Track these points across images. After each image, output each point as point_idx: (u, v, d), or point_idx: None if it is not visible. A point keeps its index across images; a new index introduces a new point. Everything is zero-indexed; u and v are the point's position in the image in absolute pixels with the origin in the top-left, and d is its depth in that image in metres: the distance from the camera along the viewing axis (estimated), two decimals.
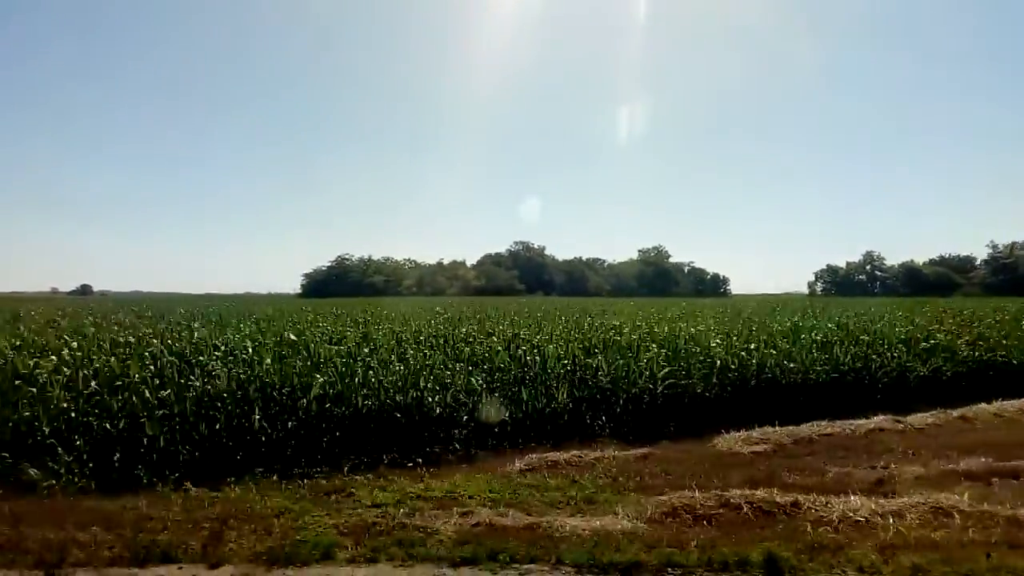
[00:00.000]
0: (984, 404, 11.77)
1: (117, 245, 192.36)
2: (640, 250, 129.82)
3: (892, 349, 13.17)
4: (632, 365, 10.61)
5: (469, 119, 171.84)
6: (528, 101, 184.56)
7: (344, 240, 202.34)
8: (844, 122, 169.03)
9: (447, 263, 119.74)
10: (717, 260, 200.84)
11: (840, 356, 12.20)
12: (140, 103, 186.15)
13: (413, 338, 13.02)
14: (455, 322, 18.05)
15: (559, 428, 9.61)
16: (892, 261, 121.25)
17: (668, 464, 8.05)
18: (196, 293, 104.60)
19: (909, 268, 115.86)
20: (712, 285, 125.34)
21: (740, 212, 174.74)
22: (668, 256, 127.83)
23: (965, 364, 13.62)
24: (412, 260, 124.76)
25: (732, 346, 11.95)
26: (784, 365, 11.43)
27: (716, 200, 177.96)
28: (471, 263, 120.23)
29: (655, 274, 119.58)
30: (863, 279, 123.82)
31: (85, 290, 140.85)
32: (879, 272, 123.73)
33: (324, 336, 13.04)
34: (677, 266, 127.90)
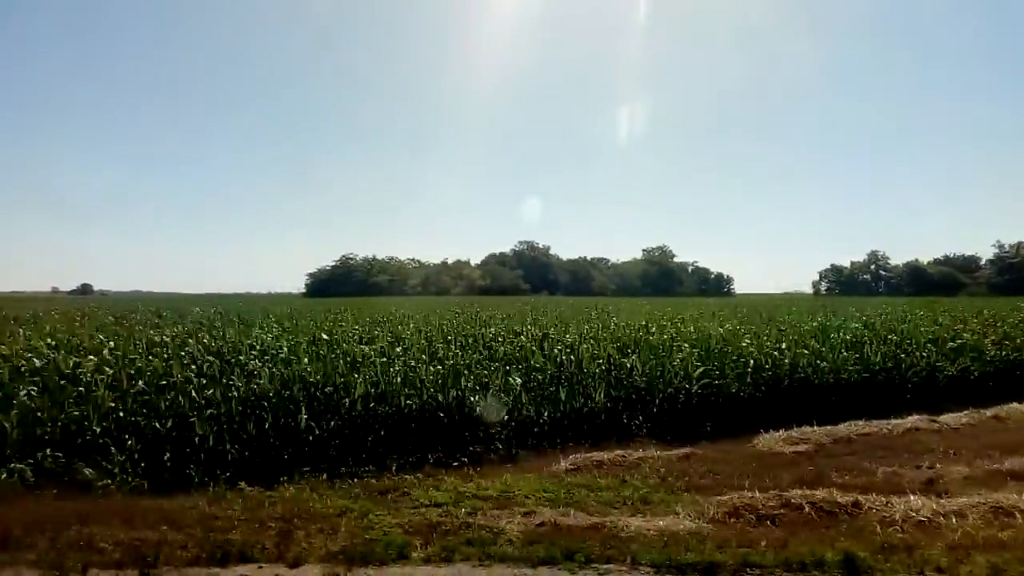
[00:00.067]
0: (1016, 404, 11.77)
1: (117, 245, 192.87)
2: (644, 249, 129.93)
3: (921, 349, 13.15)
4: (667, 365, 10.61)
5: (469, 119, 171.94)
6: (528, 101, 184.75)
7: (344, 240, 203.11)
8: (844, 122, 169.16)
9: (451, 263, 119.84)
10: (718, 260, 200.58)
11: (871, 356, 12.19)
12: (140, 103, 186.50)
13: (442, 337, 13.02)
14: (478, 322, 18.04)
15: (596, 428, 9.62)
16: (896, 261, 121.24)
17: (713, 464, 8.05)
18: (196, 293, 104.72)
19: (914, 268, 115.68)
20: (716, 285, 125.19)
21: (740, 212, 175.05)
22: (672, 256, 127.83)
23: (992, 364, 13.61)
24: (416, 260, 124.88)
25: (763, 346, 11.94)
26: (816, 365, 11.42)
27: (716, 200, 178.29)
28: (475, 263, 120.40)
29: (659, 274, 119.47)
30: (867, 278, 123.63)
31: (85, 290, 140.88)
32: (883, 272, 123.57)
33: (354, 336, 13.04)
34: (681, 266, 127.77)
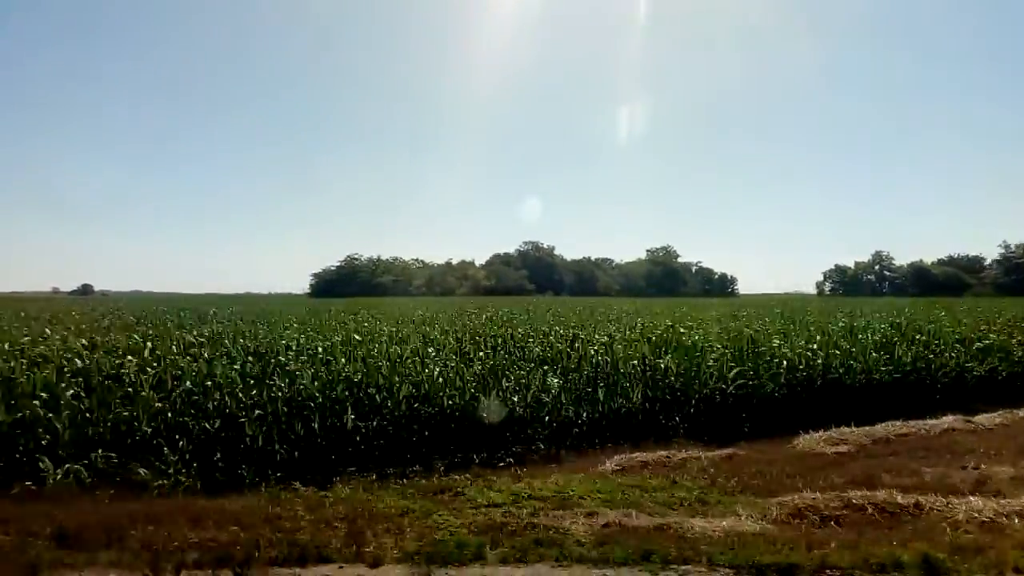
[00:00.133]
0: None
1: (117, 245, 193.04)
2: (648, 250, 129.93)
3: (950, 349, 13.14)
4: (702, 366, 10.60)
5: (469, 119, 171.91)
6: (528, 101, 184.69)
7: (344, 240, 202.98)
8: (844, 122, 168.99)
9: (456, 263, 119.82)
10: (718, 260, 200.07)
11: (903, 356, 12.17)
12: (140, 103, 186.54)
13: (470, 338, 13.02)
14: (499, 322, 18.03)
15: (634, 428, 9.62)
16: (900, 261, 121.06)
17: (759, 465, 8.03)
18: (196, 293, 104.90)
19: (918, 268, 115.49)
20: (720, 285, 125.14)
21: (740, 212, 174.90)
22: (676, 256, 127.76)
23: (1020, 364, 13.60)
24: (420, 260, 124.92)
25: (795, 346, 11.93)
26: (849, 365, 11.41)
27: (716, 200, 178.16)
28: (479, 263, 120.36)
29: (663, 274, 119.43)
30: (871, 279, 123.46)
31: (86, 290, 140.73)
32: (887, 272, 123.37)
33: (384, 336, 13.04)
34: (685, 266, 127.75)
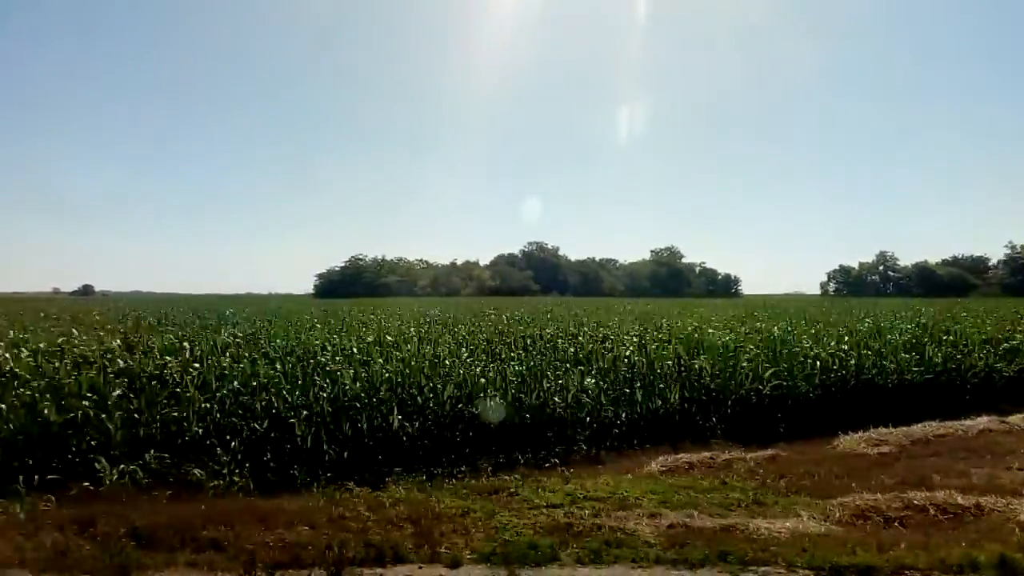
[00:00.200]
0: None
1: (117, 245, 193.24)
2: (652, 250, 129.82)
3: (978, 350, 13.12)
4: (737, 366, 10.60)
5: (469, 119, 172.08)
6: (528, 101, 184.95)
7: (345, 241, 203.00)
8: (844, 122, 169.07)
9: (460, 263, 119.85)
10: (719, 260, 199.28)
11: (933, 357, 12.16)
12: (140, 103, 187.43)
13: (499, 338, 13.03)
14: (525, 322, 18.03)
15: (671, 429, 9.61)
16: (905, 261, 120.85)
17: (804, 466, 8.01)
18: (196, 293, 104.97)
19: (922, 268, 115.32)
20: (724, 285, 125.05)
21: (740, 212, 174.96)
22: (681, 256, 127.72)
23: None
24: (424, 260, 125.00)
25: (827, 347, 11.92)
26: (883, 366, 11.40)
27: (716, 200, 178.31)
28: (483, 263, 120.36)
29: (668, 274, 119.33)
30: (876, 279, 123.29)
31: (87, 290, 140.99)
32: (892, 272, 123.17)
33: (413, 337, 13.05)
34: (689, 267, 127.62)
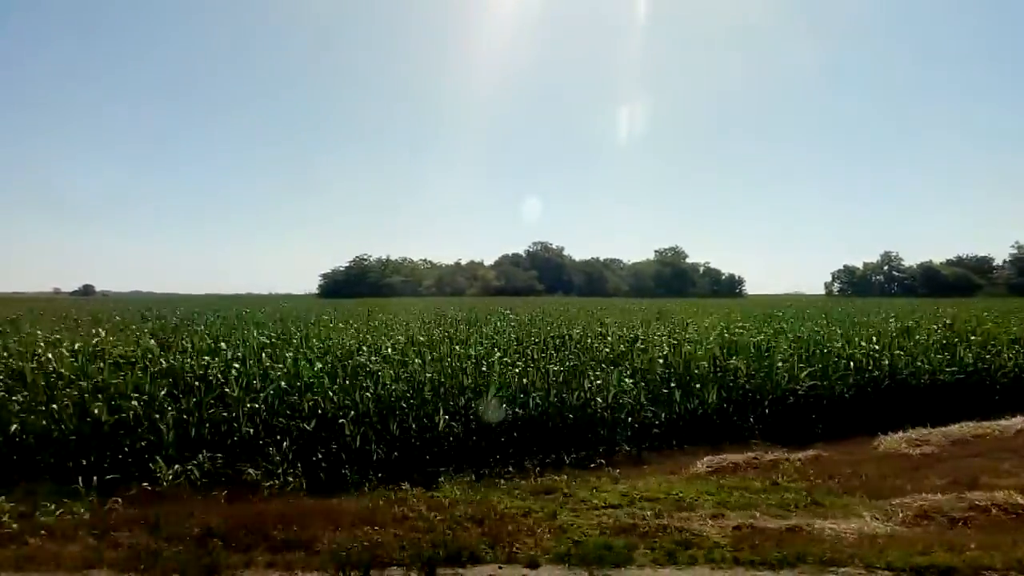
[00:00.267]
0: None
1: (117, 245, 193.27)
2: (657, 250, 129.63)
3: (1008, 350, 13.09)
4: (773, 367, 10.58)
5: (469, 119, 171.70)
6: (528, 101, 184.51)
7: (345, 241, 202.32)
8: (844, 122, 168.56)
9: (465, 263, 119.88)
10: (720, 260, 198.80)
11: (964, 357, 12.14)
12: (140, 103, 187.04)
13: (528, 338, 13.02)
14: (549, 322, 18.00)
15: (710, 429, 9.60)
16: (908, 262, 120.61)
17: (850, 466, 8.00)
18: (196, 294, 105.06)
19: (927, 268, 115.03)
20: (728, 285, 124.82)
21: (741, 212, 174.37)
22: (685, 256, 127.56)
23: None
24: (428, 260, 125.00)
25: (859, 347, 11.90)
26: (917, 366, 11.37)
27: (717, 200, 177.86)
28: (487, 263, 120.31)
29: (672, 275, 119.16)
30: (880, 279, 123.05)
31: (88, 290, 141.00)
32: (896, 272, 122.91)
33: (444, 337, 13.04)
34: (693, 267, 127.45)
